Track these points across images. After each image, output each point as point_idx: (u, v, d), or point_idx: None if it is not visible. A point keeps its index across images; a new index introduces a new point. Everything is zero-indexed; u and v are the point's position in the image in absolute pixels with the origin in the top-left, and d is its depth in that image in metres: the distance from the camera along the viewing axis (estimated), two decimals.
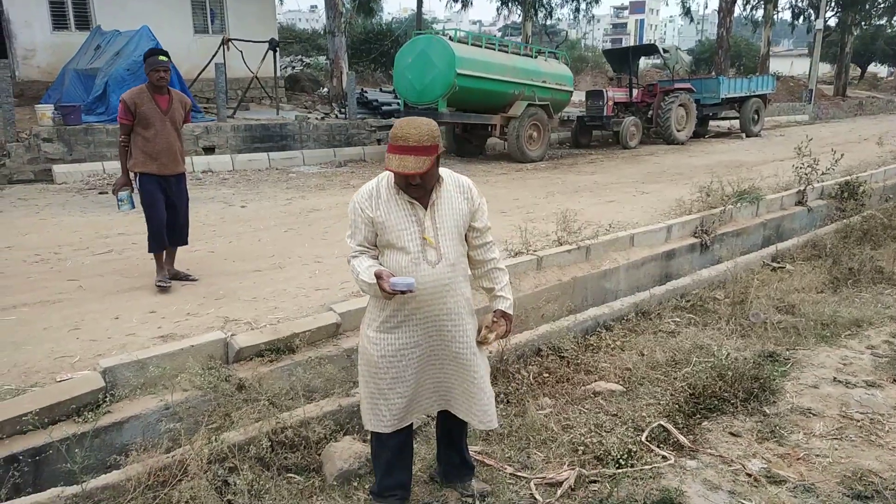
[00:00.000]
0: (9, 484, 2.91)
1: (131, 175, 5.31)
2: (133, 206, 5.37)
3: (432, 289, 2.75)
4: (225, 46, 14.78)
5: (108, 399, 3.51)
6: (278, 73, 16.67)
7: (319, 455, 3.44)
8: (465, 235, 2.89)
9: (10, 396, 3.43)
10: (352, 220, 2.80)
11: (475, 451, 3.59)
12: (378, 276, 2.61)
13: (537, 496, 3.22)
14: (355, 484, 3.31)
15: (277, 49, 15.75)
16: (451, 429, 3.15)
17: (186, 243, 5.70)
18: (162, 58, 5.18)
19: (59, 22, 15.36)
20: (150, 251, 5.38)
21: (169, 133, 5.24)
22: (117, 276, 5.46)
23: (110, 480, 2.92)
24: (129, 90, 5.28)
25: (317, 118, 15.29)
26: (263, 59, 15.41)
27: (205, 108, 14.55)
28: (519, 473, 3.43)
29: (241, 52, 15.16)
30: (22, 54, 15.04)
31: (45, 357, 3.97)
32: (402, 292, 2.59)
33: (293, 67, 23.98)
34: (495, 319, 2.93)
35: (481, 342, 2.92)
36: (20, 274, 5.74)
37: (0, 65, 10.88)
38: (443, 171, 2.81)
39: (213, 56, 14.41)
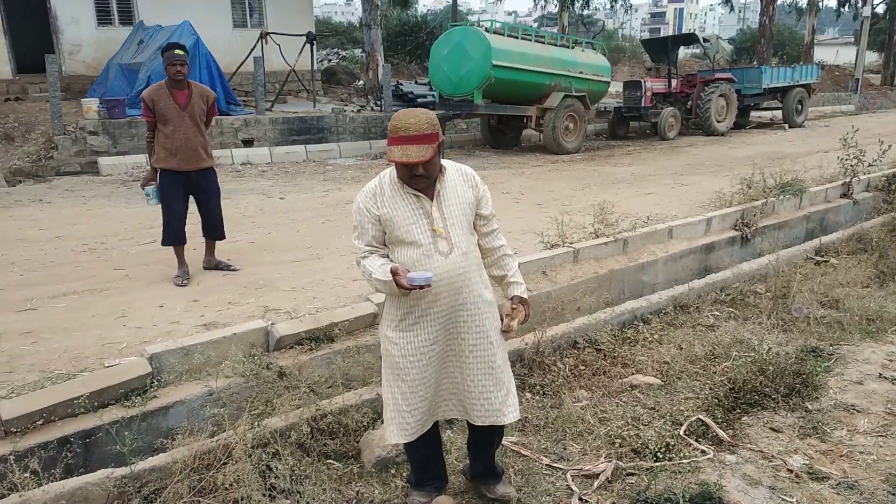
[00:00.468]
0: (61, 465, 3.02)
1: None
2: (158, 201, 5.40)
3: (448, 279, 2.72)
4: (263, 40, 14.96)
5: (154, 384, 3.61)
6: (315, 67, 16.81)
7: (358, 442, 3.49)
8: (473, 224, 2.86)
9: (62, 381, 3.55)
10: (357, 222, 2.77)
11: (511, 442, 3.60)
12: (394, 273, 2.59)
13: (574, 487, 3.22)
14: (392, 471, 3.36)
15: (314, 42, 15.88)
16: (476, 440, 3.07)
17: (223, 237, 5.71)
18: (178, 51, 5.14)
19: (103, 18, 15.73)
20: (162, 244, 5.44)
21: (188, 128, 5.21)
22: (161, 265, 5.60)
23: (157, 463, 3.01)
24: (149, 87, 5.32)
25: (353, 111, 15.40)
26: (301, 52, 15.56)
27: (243, 101, 14.77)
28: (555, 465, 3.44)
29: (279, 45, 15.33)
30: (68, 49, 15.44)
31: (94, 343, 4.11)
32: (421, 287, 2.56)
33: (329, 60, 24.18)
34: (514, 306, 2.89)
35: (505, 331, 2.88)
36: (69, 262, 5.93)
37: (48, 60, 11.20)
38: (445, 161, 2.80)
39: (252, 50, 14.60)
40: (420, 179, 2.66)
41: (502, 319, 2.90)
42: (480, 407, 2.86)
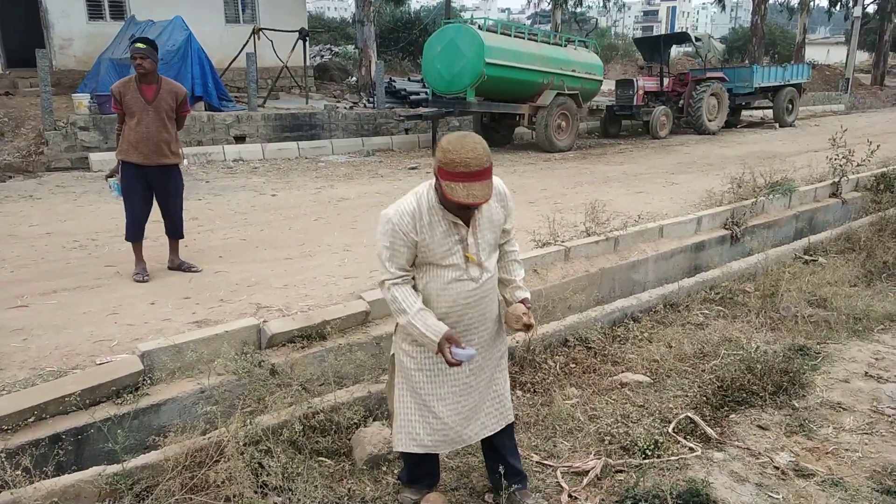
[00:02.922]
0: (53, 462, 3.02)
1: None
2: (121, 195, 5.34)
3: (475, 304, 2.71)
4: (255, 36, 14.92)
5: (146, 382, 3.62)
6: (308, 63, 16.78)
7: (349, 440, 3.51)
8: None
9: (53, 378, 3.55)
10: (390, 243, 2.59)
11: None
12: (448, 339, 2.55)
13: (563, 484, 3.26)
14: (384, 468, 3.38)
15: (307, 38, 15.85)
16: (492, 441, 2.99)
17: (181, 236, 5.62)
18: (139, 45, 5.09)
19: (94, 12, 15.64)
20: (125, 239, 5.40)
21: (151, 122, 5.15)
22: (152, 262, 5.59)
23: (149, 460, 3.03)
24: (119, 80, 5.29)
25: (345, 107, 15.38)
26: (293, 48, 15.52)
27: (236, 97, 14.72)
28: (545, 462, 3.47)
29: (272, 41, 15.29)
30: (59, 44, 15.34)
31: (85, 340, 4.11)
32: (459, 363, 2.59)
33: (322, 57, 24.08)
34: (526, 310, 2.86)
35: (528, 325, 2.76)
36: (60, 259, 5.91)
37: (39, 55, 11.13)
38: None
39: (244, 46, 14.56)
40: (470, 213, 2.57)
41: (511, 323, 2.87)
42: (498, 418, 2.93)
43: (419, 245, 2.59)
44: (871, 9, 33.07)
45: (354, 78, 19.44)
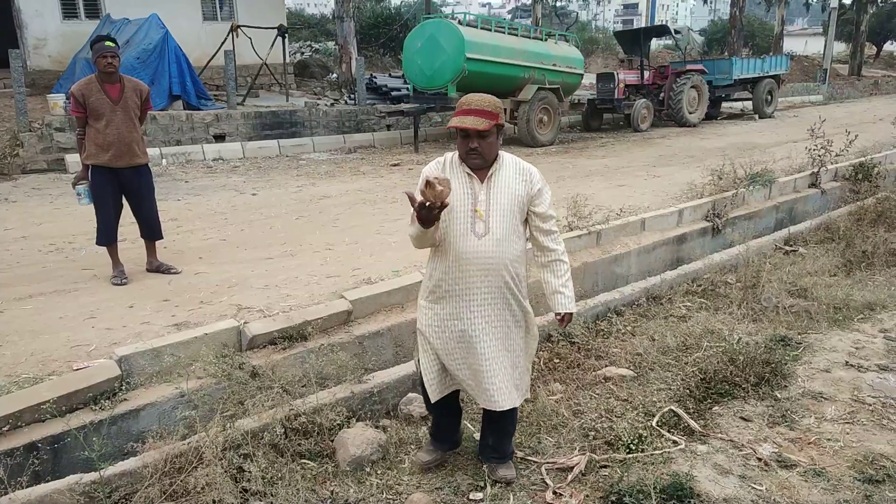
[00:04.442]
0: (28, 471, 2.96)
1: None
2: (91, 201, 5.20)
3: (476, 260, 2.88)
4: (234, 33, 14.74)
5: (124, 387, 3.56)
6: (287, 60, 16.63)
7: (332, 441, 3.48)
8: (528, 219, 3.01)
9: (29, 385, 3.48)
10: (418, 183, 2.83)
11: None
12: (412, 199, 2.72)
13: (548, 481, 3.25)
14: (368, 469, 3.35)
15: (286, 35, 15.71)
16: (488, 415, 3.23)
17: (160, 237, 5.54)
18: (108, 43, 4.98)
19: (69, 11, 15.38)
20: (97, 244, 5.30)
21: (121, 123, 5.04)
22: (130, 264, 5.50)
23: (128, 467, 2.98)
24: (78, 82, 5.13)
25: (326, 104, 15.27)
26: (272, 45, 15.37)
27: (214, 95, 14.57)
28: (530, 458, 3.46)
29: (251, 38, 15.13)
30: (33, 44, 15.09)
31: (62, 345, 4.03)
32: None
33: (302, 53, 23.91)
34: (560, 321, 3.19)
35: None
36: (36, 263, 5.81)
37: (12, 55, 10.94)
38: (507, 154, 2.99)
39: (223, 43, 14.39)
40: (475, 155, 2.84)
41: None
42: (483, 391, 3.02)
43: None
44: (847, 0, 33.39)
45: (335, 75, 19.32)
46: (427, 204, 2.63)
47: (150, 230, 5.45)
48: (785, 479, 3.23)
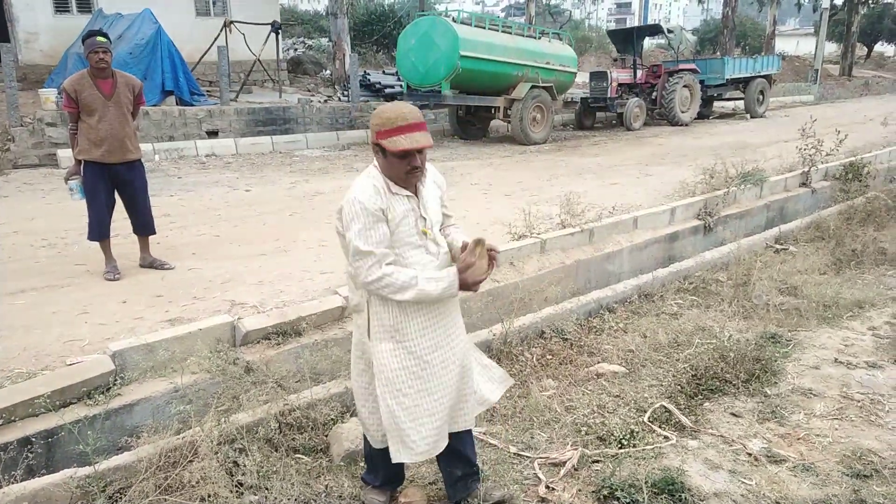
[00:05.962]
0: (22, 466, 2.96)
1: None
2: (83, 196, 5.19)
3: None
4: (227, 29, 14.70)
5: (118, 382, 3.56)
6: (281, 56, 16.59)
7: (326, 436, 3.49)
8: None
9: (22, 380, 3.48)
10: (363, 224, 2.48)
11: (479, 432, 3.64)
12: (460, 270, 2.54)
13: (541, 475, 3.27)
14: (362, 464, 3.36)
15: (280, 31, 15.66)
16: (450, 442, 2.83)
17: (153, 232, 5.53)
18: (100, 38, 4.96)
19: (60, 5, 15.28)
20: (88, 239, 5.29)
21: (113, 118, 5.03)
22: (123, 259, 5.49)
23: (122, 462, 2.98)
24: (70, 77, 5.11)
25: (319, 101, 15.25)
26: (266, 41, 15.33)
27: (207, 91, 14.52)
28: (523, 453, 3.49)
29: (244, 34, 15.08)
30: (24, 38, 14.99)
31: (55, 340, 4.03)
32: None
33: (295, 50, 23.83)
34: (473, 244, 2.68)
35: (491, 260, 2.67)
36: (28, 258, 5.79)
37: (3, 49, 10.88)
38: None
39: (216, 39, 14.35)
40: (416, 173, 2.54)
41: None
42: (471, 410, 2.86)
43: (388, 218, 2.53)
44: (838, 0, 33.57)
45: (328, 71, 19.29)
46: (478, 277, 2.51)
47: (143, 226, 5.44)
48: (774, 474, 3.26)
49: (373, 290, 2.55)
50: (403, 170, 2.52)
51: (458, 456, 2.92)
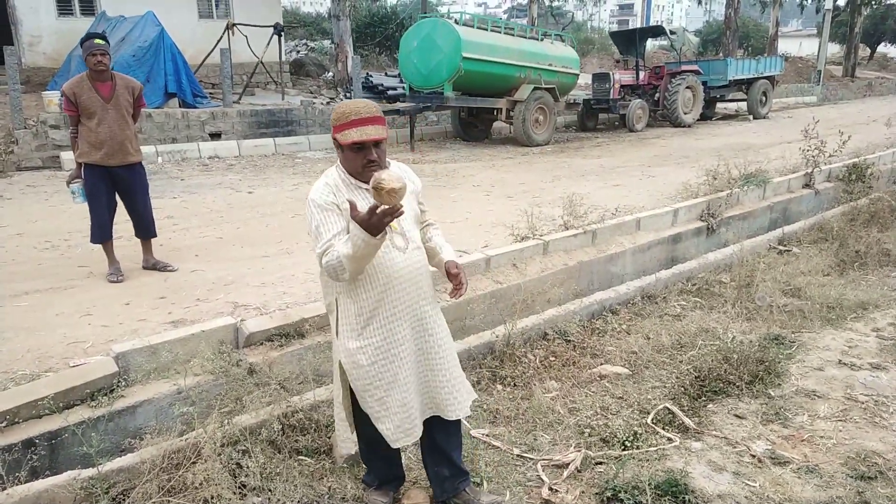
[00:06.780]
0: (26, 467, 2.96)
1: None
2: (85, 199, 5.20)
3: (408, 275, 2.70)
4: (230, 31, 14.74)
5: (121, 384, 3.56)
6: (283, 58, 16.62)
7: (329, 438, 3.49)
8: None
9: (26, 381, 3.49)
10: (319, 220, 2.58)
11: (482, 434, 3.64)
12: (352, 212, 2.41)
13: (544, 477, 3.27)
14: (364, 466, 3.36)
15: (282, 34, 15.69)
16: (435, 440, 2.92)
17: (154, 236, 5.52)
18: (98, 41, 4.96)
19: (64, 8, 15.34)
20: (91, 241, 5.30)
21: (113, 121, 5.03)
22: (126, 261, 5.51)
23: (125, 463, 2.98)
24: (69, 80, 5.11)
25: (322, 103, 15.26)
26: (268, 43, 15.37)
27: (210, 93, 14.55)
28: (526, 455, 3.48)
29: (246, 36, 15.12)
30: (28, 41, 15.04)
31: (59, 342, 4.04)
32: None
33: (298, 52, 23.90)
34: (455, 271, 2.82)
35: (457, 290, 2.79)
36: (31, 260, 5.80)
37: (7, 52, 10.91)
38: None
39: (218, 41, 14.38)
40: (372, 167, 2.57)
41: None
42: (454, 400, 2.85)
43: (343, 213, 2.57)
44: (841, 1, 33.57)
45: (331, 73, 19.31)
46: (381, 209, 2.35)
47: (144, 228, 5.45)
48: (778, 476, 3.26)
49: (338, 280, 2.61)
50: (360, 163, 2.61)
51: (444, 457, 2.96)
